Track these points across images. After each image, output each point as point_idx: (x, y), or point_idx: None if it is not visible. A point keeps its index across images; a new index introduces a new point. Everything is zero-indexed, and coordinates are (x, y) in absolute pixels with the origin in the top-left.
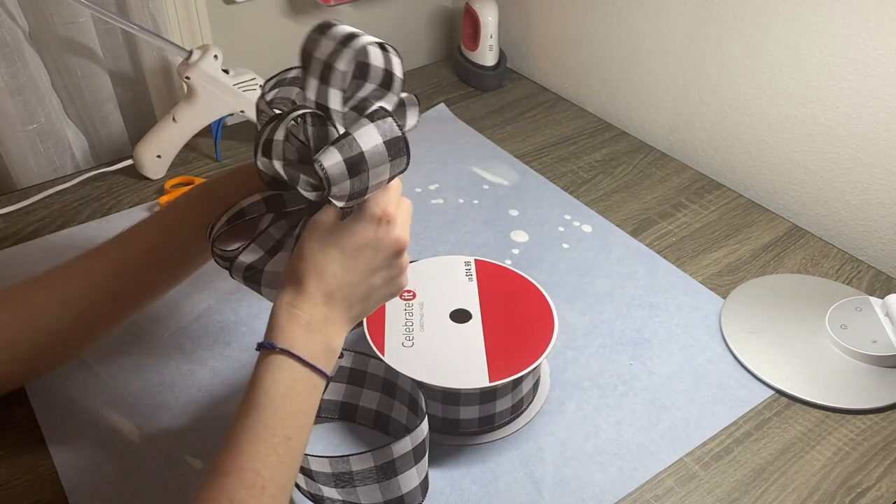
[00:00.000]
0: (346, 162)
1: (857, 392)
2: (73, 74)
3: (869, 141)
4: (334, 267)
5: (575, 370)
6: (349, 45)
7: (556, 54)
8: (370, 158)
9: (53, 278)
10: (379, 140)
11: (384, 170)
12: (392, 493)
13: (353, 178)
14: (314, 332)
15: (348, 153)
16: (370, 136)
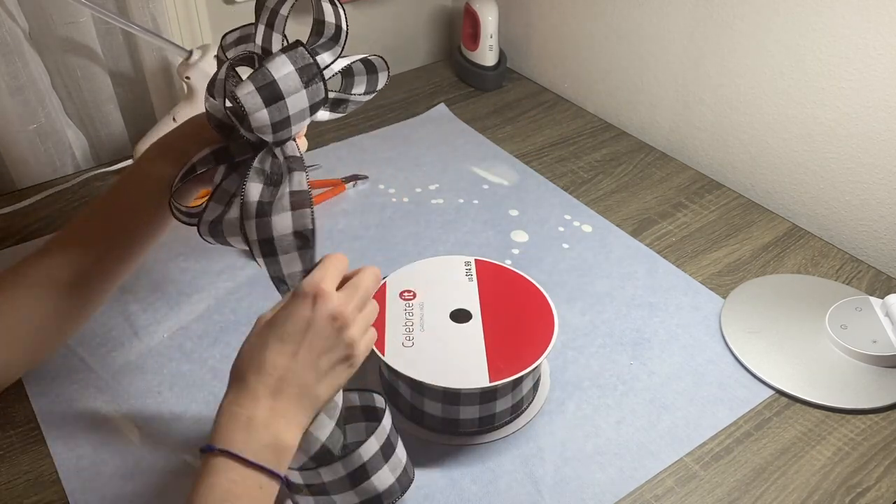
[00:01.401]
0: (260, 91)
1: (857, 392)
2: (73, 74)
3: (869, 141)
4: (273, 357)
5: (575, 370)
6: None
7: (556, 54)
8: (283, 85)
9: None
10: (291, 67)
11: (301, 97)
12: (368, 493)
13: (270, 105)
14: (257, 429)
15: (261, 81)
16: (282, 63)
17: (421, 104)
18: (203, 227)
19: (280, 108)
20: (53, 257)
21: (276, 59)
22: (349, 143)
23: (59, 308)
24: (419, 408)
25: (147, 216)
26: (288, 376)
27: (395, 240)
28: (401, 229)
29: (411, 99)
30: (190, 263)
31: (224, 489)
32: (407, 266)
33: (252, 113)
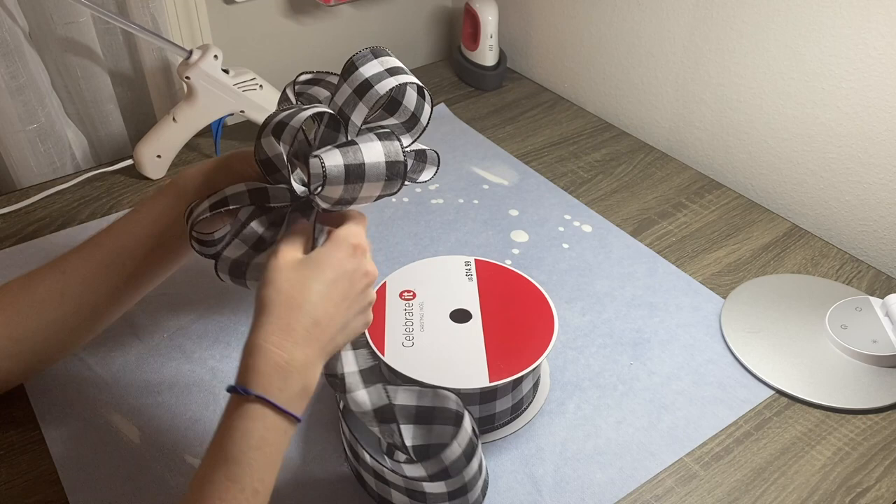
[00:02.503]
0: (347, 167)
1: (857, 392)
2: (73, 74)
3: (869, 141)
4: (315, 299)
5: (575, 370)
6: (394, 76)
7: (556, 54)
8: (369, 171)
9: (51, 271)
10: (382, 158)
11: (377, 187)
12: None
13: (348, 184)
14: (292, 375)
15: (351, 160)
16: (375, 151)
17: None
18: (222, 265)
19: (354, 189)
20: (65, 275)
21: (372, 144)
22: None
23: (66, 324)
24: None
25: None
26: (324, 322)
27: (395, 240)
28: (401, 229)
29: None
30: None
31: (259, 436)
32: (407, 266)
33: (330, 184)
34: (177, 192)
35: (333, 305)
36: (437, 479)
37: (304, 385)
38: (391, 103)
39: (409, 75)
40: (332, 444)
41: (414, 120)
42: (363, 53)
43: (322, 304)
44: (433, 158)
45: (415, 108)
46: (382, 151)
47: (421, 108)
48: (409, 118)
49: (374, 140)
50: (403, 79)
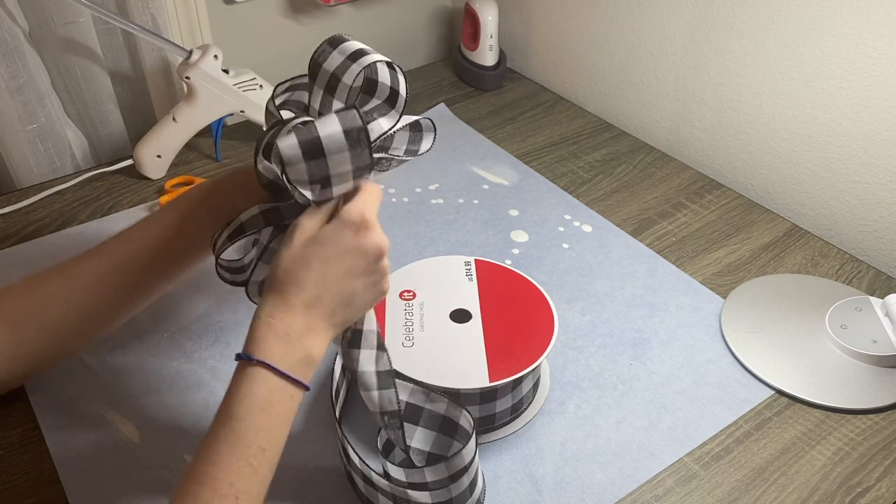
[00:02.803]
0: (302, 144)
1: (857, 392)
2: (73, 74)
3: (869, 141)
4: (314, 275)
5: (575, 370)
6: (357, 60)
7: (556, 54)
8: (327, 144)
9: (58, 275)
10: (338, 128)
11: (343, 158)
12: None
13: (310, 161)
14: (292, 343)
15: (305, 136)
16: (330, 123)
17: (421, 104)
18: (252, 288)
19: (320, 165)
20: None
21: (326, 118)
22: None
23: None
24: None
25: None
26: (324, 295)
27: (395, 240)
28: (401, 229)
29: (411, 99)
30: None
31: (263, 398)
32: (407, 266)
33: (290, 165)
34: (186, 205)
35: (335, 281)
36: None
37: (305, 353)
38: (368, 84)
39: (372, 54)
40: (331, 444)
41: (394, 95)
42: (322, 48)
43: (322, 280)
44: (428, 126)
45: (391, 83)
46: (338, 121)
47: (396, 81)
48: (389, 94)
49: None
50: (366, 61)
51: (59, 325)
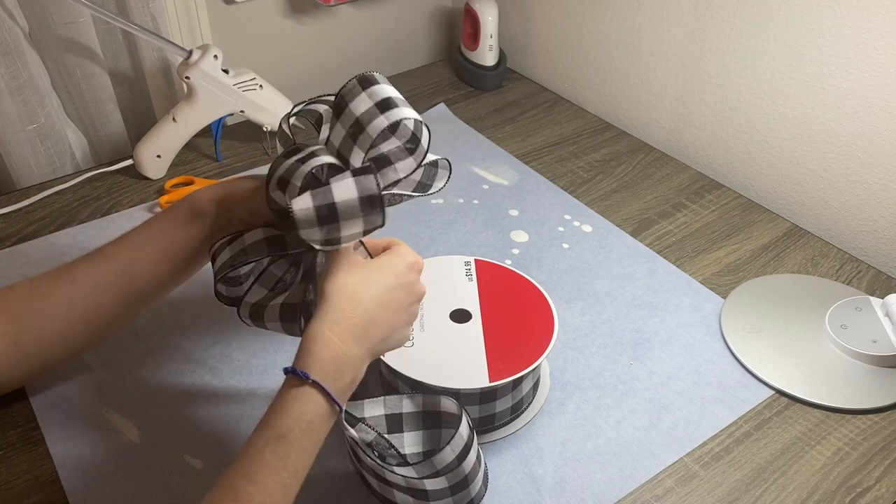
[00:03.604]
0: (317, 209)
1: (857, 392)
2: (73, 74)
3: (869, 141)
4: (374, 298)
5: (575, 370)
6: (385, 113)
7: (556, 54)
8: (341, 210)
9: (59, 279)
10: (354, 195)
11: (356, 224)
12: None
13: (323, 226)
14: (346, 367)
15: (321, 201)
16: (347, 189)
17: (421, 104)
18: (244, 310)
19: (332, 229)
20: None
21: (343, 182)
22: None
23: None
24: None
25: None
26: (378, 322)
27: None
28: (401, 229)
29: (411, 99)
30: None
31: (309, 419)
32: None
33: (303, 228)
34: (190, 213)
35: (388, 311)
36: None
37: (353, 378)
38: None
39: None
40: (338, 443)
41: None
42: (351, 86)
43: (380, 306)
44: (444, 166)
45: (413, 128)
46: (355, 188)
47: (420, 130)
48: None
49: (346, 178)
50: (394, 116)
51: (62, 329)
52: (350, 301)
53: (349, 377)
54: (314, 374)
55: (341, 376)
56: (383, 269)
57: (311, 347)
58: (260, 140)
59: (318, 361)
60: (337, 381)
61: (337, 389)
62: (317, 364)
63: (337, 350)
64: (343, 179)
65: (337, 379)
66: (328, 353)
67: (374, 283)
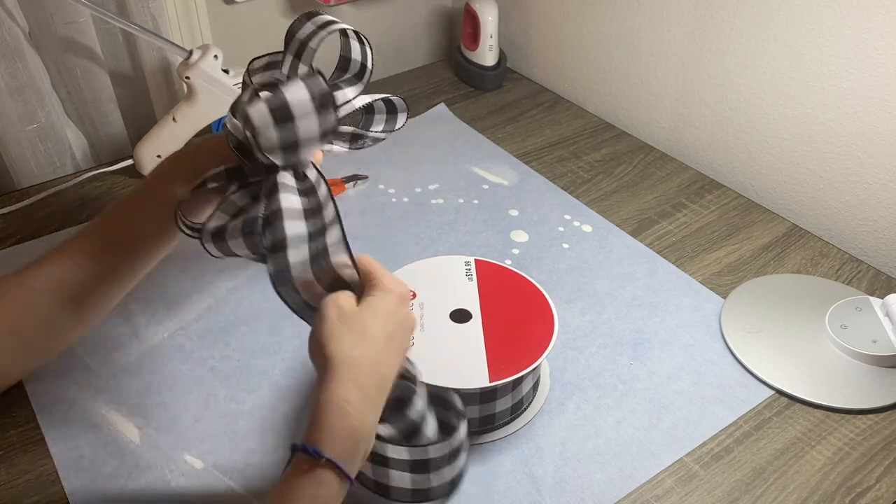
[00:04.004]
0: (272, 109)
1: (857, 392)
2: (73, 74)
3: (869, 141)
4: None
5: (575, 370)
6: (326, 28)
7: (556, 54)
8: (295, 108)
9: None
10: (305, 93)
11: (311, 122)
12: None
13: (280, 125)
14: (361, 440)
15: (274, 102)
16: (297, 88)
17: (421, 104)
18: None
19: (289, 129)
20: (62, 264)
21: (292, 84)
22: None
23: (63, 315)
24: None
25: (156, 232)
26: (388, 375)
27: (395, 240)
28: (401, 229)
29: (411, 99)
30: (190, 263)
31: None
32: (407, 266)
33: (261, 131)
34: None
35: (393, 356)
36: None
37: (366, 450)
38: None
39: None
40: None
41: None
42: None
43: (385, 356)
44: (402, 106)
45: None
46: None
47: (364, 55)
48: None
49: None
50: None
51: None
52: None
53: (363, 449)
54: (328, 450)
55: (356, 450)
56: (377, 313)
57: (322, 420)
58: None
59: (333, 437)
60: (352, 456)
61: (352, 465)
62: (330, 439)
63: (353, 421)
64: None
65: (352, 454)
66: (343, 427)
67: (375, 333)
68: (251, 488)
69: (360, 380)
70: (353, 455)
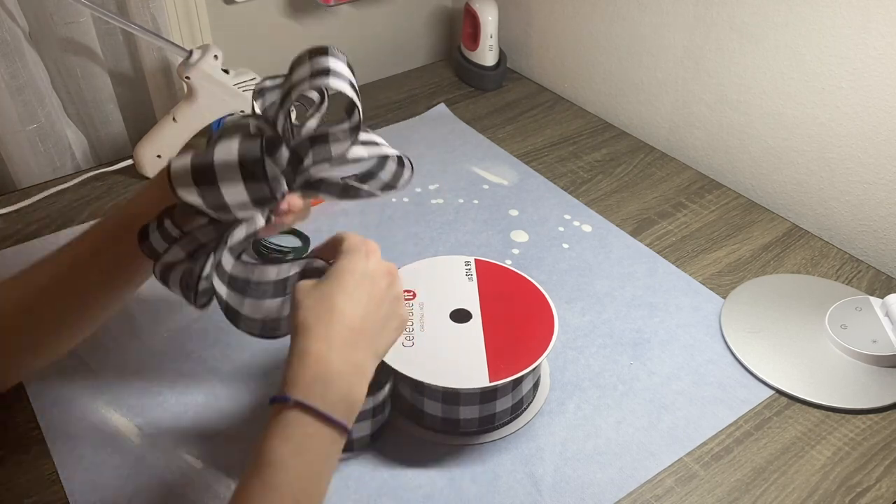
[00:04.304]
0: (193, 167)
1: (857, 392)
2: (73, 74)
3: (869, 141)
4: (342, 306)
5: (575, 370)
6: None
7: (556, 54)
8: (219, 171)
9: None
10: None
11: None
12: None
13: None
14: (332, 381)
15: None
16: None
17: (421, 104)
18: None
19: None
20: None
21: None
22: None
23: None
24: (419, 408)
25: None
26: (360, 326)
27: (395, 240)
28: (401, 229)
29: (411, 99)
30: None
31: (298, 441)
32: (407, 266)
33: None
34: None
35: (363, 308)
36: None
37: (347, 391)
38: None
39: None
40: None
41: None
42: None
43: (352, 309)
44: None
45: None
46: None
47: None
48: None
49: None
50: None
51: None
52: (320, 321)
53: (340, 391)
54: (293, 394)
55: (329, 392)
56: (337, 274)
57: (288, 372)
58: None
59: (297, 382)
60: (325, 398)
61: (327, 406)
62: (297, 385)
63: (316, 367)
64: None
65: (324, 395)
66: (307, 373)
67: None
68: None
69: (322, 334)
70: (326, 397)
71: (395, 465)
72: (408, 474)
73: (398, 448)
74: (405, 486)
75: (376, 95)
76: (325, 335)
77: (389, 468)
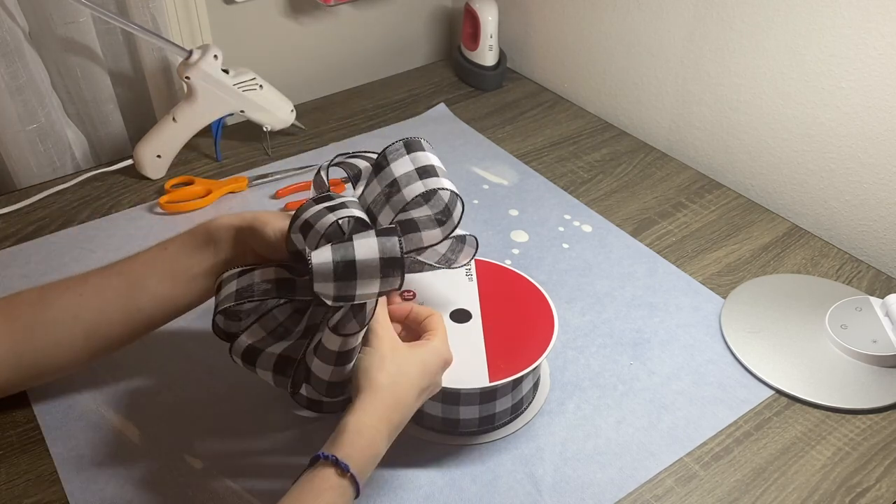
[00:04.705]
0: (335, 263)
1: (857, 392)
2: (73, 74)
3: (869, 141)
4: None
5: (575, 370)
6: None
7: (556, 54)
8: (360, 269)
9: (69, 290)
10: (376, 255)
11: (373, 284)
12: None
13: (339, 281)
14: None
15: (341, 256)
16: (369, 247)
17: (421, 104)
18: (237, 348)
19: (347, 286)
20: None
21: (366, 240)
22: (349, 143)
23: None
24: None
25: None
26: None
27: None
28: None
29: (411, 99)
30: None
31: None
32: None
33: (318, 282)
34: (206, 236)
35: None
36: None
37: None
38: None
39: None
40: None
41: (447, 212)
42: (396, 146)
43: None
44: (472, 243)
45: (448, 201)
46: (377, 248)
47: (454, 203)
48: (443, 209)
49: (370, 236)
50: (432, 184)
51: (65, 342)
52: (394, 399)
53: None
54: (353, 466)
55: (369, 470)
56: (426, 366)
57: (355, 441)
58: (260, 140)
59: (358, 455)
60: (364, 477)
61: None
62: (357, 458)
63: (375, 447)
64: (367, 237)
65: (366, 475)
66: (369, 450)
67: (415, 381)
68: (251, 488)
69: (390, 415)
70: (364, 477)
71: (395, 465)
72: (408, 474)
73: (398, 448)
74: (405, 486)
75: (376, 95)
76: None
77: (389, 468)
